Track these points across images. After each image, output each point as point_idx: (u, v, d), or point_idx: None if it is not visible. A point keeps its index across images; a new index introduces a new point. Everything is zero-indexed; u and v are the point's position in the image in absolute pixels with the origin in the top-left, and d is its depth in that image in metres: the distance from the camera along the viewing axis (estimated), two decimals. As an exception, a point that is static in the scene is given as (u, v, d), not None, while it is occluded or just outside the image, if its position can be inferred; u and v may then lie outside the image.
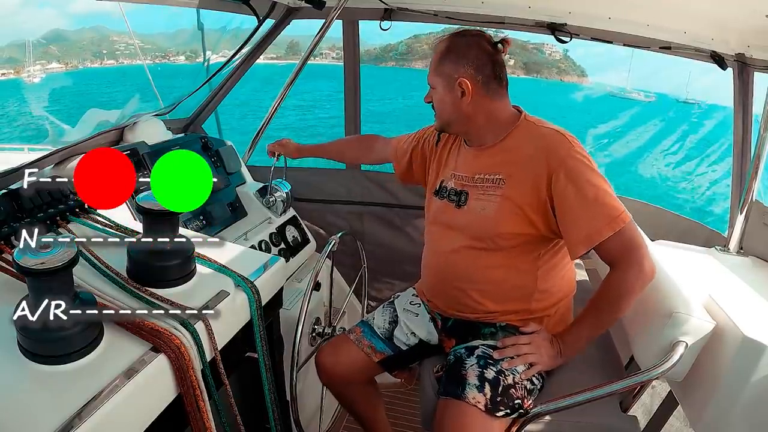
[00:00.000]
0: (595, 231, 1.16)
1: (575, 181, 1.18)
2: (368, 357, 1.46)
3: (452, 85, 1.27)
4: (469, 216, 1.31)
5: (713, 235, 1.88)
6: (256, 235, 1.88)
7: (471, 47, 1.26)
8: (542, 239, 1.28)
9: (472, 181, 1.33)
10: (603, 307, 1.23)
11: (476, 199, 1.31)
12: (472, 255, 1.32)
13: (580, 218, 1.18)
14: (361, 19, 2.19)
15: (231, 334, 1.04)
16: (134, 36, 2.14)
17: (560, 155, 1.20)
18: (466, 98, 1.27)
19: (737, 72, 1.79)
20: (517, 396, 1.20)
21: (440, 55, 1.29)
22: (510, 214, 1.25)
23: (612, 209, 1.16)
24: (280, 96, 2.28)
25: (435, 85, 1.32)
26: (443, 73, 1.29)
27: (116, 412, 0.74)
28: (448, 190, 1.39)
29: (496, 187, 1.28)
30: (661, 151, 23.06)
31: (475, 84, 1.26)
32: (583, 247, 1.19)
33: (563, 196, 1.19)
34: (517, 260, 1.29)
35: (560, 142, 1.22)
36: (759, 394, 1.12)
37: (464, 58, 1.26)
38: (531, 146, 1.25)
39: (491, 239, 1.28)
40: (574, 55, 62.33)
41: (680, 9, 1.67)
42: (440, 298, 1.42)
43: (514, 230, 1.26)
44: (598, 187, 1.18)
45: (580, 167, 1.19)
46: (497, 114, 1.30)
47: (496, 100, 1.29)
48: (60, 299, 0.75)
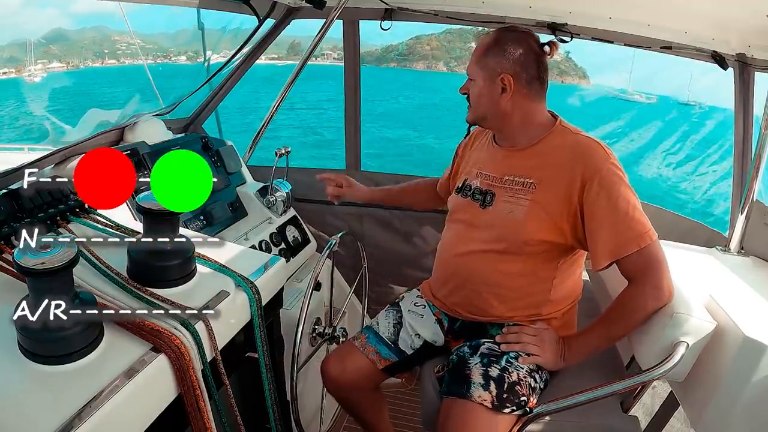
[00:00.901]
0: (621, 245, 1.16)
1: (608, 192, 1.17)
2: (373, 364, 1.44)
3: (494, 78, 1.25)
4: (495, 218, 1.29)
5: (714, 236, 1.87)
6: (257, 235, 1.88)
7: (519, 44, 1.24)
8: (565, 248, 1.27)
9: (500, 182, 1.31)
10: (615, 320, 1.23)
11: (504, 201, 1.29)
12: (494, 258, 1.30)
13: (608, 230, 1.17)
14: (361, 19, 2.18)
15: (231, 334, 1.04)
16: (135, 36, 2.15)
17: (596, 165, 1.19)
18: (506, 95, 1.25)
19: (738, 72, 1.79)
20: (523, 393, 1.20)
21: (486, 48, 1.27)
22: (538, 219, 1.23)
23: (640, 225, 1.16)
24: (281, 96, 2.29)
25: (475, 77, 1.29)
26: (486, 66, 1.26)
27: (116, 412, 0.74)
28: (472, 188, 1.37)
29: (526, 191, 1.26)
30: (662, 151, 23.03)
31: (518, 82, 1.25)
32: (607, 260, 1.18)
33: (594, 206, 1.18)
34: (537, 267, 1.28)
35: (597, 152, 1.21)
36: (760, 394, 1.11)
37: (511, 55, 1.24)
38: (566, 153, 1.23)
39: (516, 244, 1.26)
40: (576, 57, 62.37)
41: (681, 9, 1.67)
42: (452, 298, 1.40)
43: (541, 237, 1.24)
44: (629, 201, 1.17)
45: (614, 179, 1.18)
46: (534, 116, 1.29)
47: (534, 102, 1.28)
48: (60, 299, 0.75)
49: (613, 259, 1.18)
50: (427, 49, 66.57)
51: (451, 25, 2.11)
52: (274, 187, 2.02)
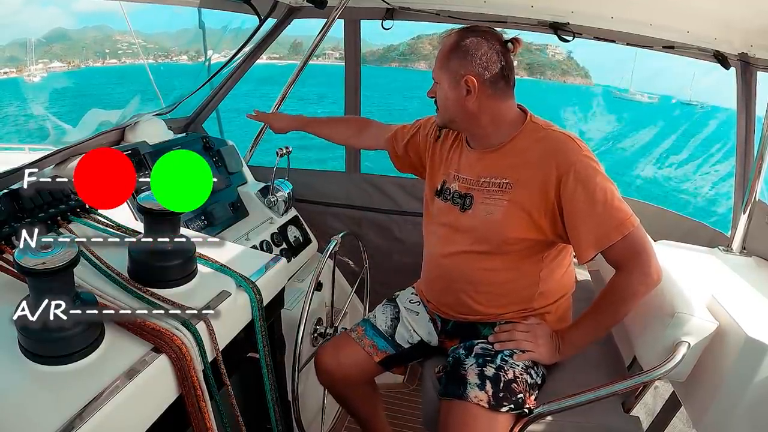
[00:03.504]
0: (604, 235, 1.16)
1: (585, 184, 1.16)
2: (369, 356, 1.45)
3: (458, 81, 1.24)
4: (475, 220, 1.30)
5: (716, 235, 1.87)
6: (258, 235, 1.88)
7: (480, 44, 1.22)
8: (547, 243, 1.27)
9: (477, 185, 1.31)
10: (605, 309, 1.23)
11: (482, 203, 1.29)
12: (475, 258, 1.30)
13: (589, 222, 1.17)
14: (362, 19, 2.18)
15: (232, 334, 1.04)
16: (136, 35, 2.15)
17: (570, 159, 1.18)
18: (471, 96, 1.24)
19: (740, 72, 1.78)
20: (519, 390, 1.20)
21: (448, 50, 1.26)
22: (517, 218, 1.23)
23: (621, 213, 1.16)
24: (282, 95, 2.28)
25: (440, 81, 1.28)
26: (450, 69, 1.25)
27: (117, 412, 0.74)
28: (452, 192, 1.37)
29: (502, 192, 1.26)
30: (664, 151, 23.00)
31: (482, 83, 1.23)
32: (592, 252, 1.18)
33: (572, 199, 1.17)
34: (520, 264, 1.29)
35: (569, 146, 1.21)
36: (762, 394, 1.11)
37: (473, 56, 1.22)
38: (539, 149, 1.23)
39: (497, 244, 1.27)
40: (577, 57, 62.32)
41: (683, 8, 1.66)
42: (440, 300, 1.41)
43: (521, 235, 1.24)
44: (606, 190, 1.16)
45: (589, 171, 1.17)
46: (502, 115, 1.28)
47: (502, 101, 1.27)
48: (61, 299, 0.75)
49: (598, 250, 1.18)
50: (428, 49, 66.58)
51: (453, 25, 2.10)
52: (275, 187, 2.02)
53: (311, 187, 2.42)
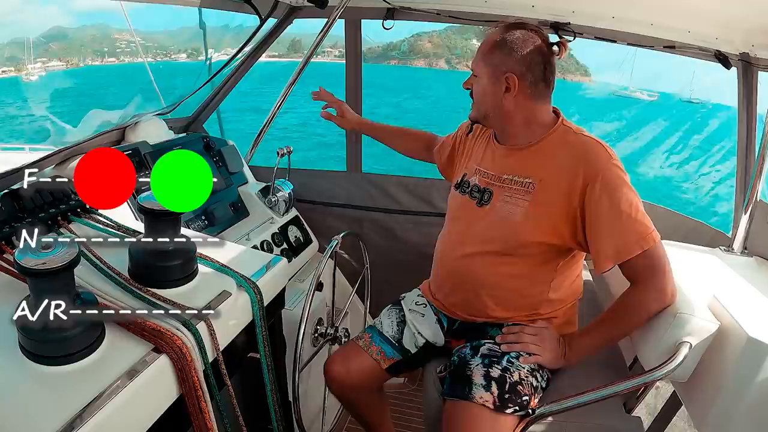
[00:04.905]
0: (625, 247, 1.14)
1: (611, 194, 1.15)
2: (377, 363, 1.43)
3: (498, 77, 1.22)
4: (491, 217, 1.28)
5: (717, 235, 1.87)
6: (258, 235, 1.88)
7: (527, 43, 1.20)
8: (564, 250, 1.26)
9: (499, 181, 1.29)
10: (616, 322, 1.22)
11: (502, 201, 1.27)
12: (491, 261, 1.29)
13: (611, 232, 1.15)
14: (363, 19, 2.18)
15: (233, 334, 1.04)
16: (136, 34, 2.14)
17: (599, 166, 1.17)
18: (509, 94, 1.22)
19: (741, 71, 1.78)
20: (524, 393, 1.20)
21: (492, 45, 1.23)
22: (536, 221, 1.22)
23: (643, 227, 1.14)
24: (283, 95, 2.28)
25: (479, 74, 1.26)
26: (491, 63, 1.23)
27: (118, 413, 0.74)
28: (471, 185, 1.35)
29: (525, 192, 1.24)
30: (665, 150, 22.96)
31: (523, 82, 1.21)
32: (611, 262, 1.16)
33: (596, 207, 1.16)
34: (535, 270, 1.27)
35: (599, 153, 1.19)
36: (763, 394, 1.11)
37: (518, 54, 1.20)
38: (567, 153, 1.21)
39: (513, 246, 1.25)
40: (578, 55, 62.21)
41: (684, 8, 1.66)
42: (450, 298, 1.40)
43: (539, 239, 1.22)
44: (631, 203, 1.15)
45: (617, 181, 1.16)
46: (537, 116, 1.26)
47: (539, 103, 1.25)
48: (61, 299, 0.75)
49: (617, 261, 1.16)
50: (428, 47, 66.55)
51: (453, 24, 2.10)
52: (276, 187, 2.02)
53: (312, 187, 2.41)
